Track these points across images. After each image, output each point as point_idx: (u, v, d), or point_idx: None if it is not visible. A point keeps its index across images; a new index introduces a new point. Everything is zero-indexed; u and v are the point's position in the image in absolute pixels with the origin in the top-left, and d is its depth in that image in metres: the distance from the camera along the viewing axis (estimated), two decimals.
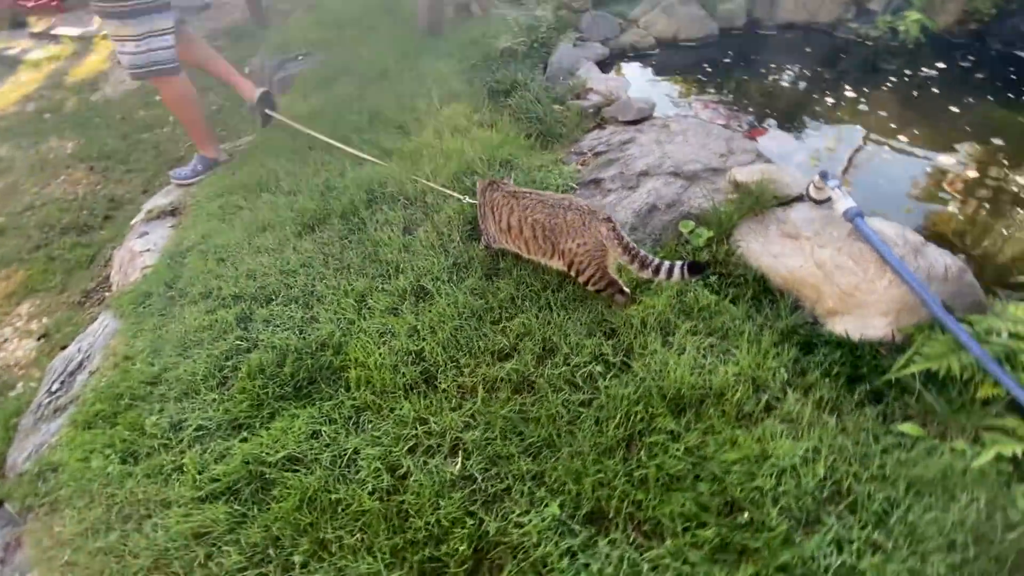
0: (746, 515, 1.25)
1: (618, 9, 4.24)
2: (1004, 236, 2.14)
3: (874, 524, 1.19)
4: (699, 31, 4.11)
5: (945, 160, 2.68)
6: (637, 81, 3.66)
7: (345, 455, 1.53)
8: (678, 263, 1.58)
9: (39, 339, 2.57)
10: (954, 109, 3.22)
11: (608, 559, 1.23)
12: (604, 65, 3.73)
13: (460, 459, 1.46)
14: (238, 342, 1.94)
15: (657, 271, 1.60)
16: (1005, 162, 2.61)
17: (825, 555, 1.16)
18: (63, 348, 2.41)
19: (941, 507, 1.18)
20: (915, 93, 3.51)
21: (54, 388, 2.10)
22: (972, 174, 2.55)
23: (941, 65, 3.77)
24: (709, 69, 3.80)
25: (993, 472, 1.21)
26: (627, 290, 1.77)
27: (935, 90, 3.47)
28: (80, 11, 7.91)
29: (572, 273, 1.76)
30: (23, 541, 1.69)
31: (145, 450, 1.71)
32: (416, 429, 1.54)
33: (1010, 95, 3.35)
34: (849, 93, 3.53)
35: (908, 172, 2.70)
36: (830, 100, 3.46)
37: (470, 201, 2.09)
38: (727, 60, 3.92)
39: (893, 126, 3.06)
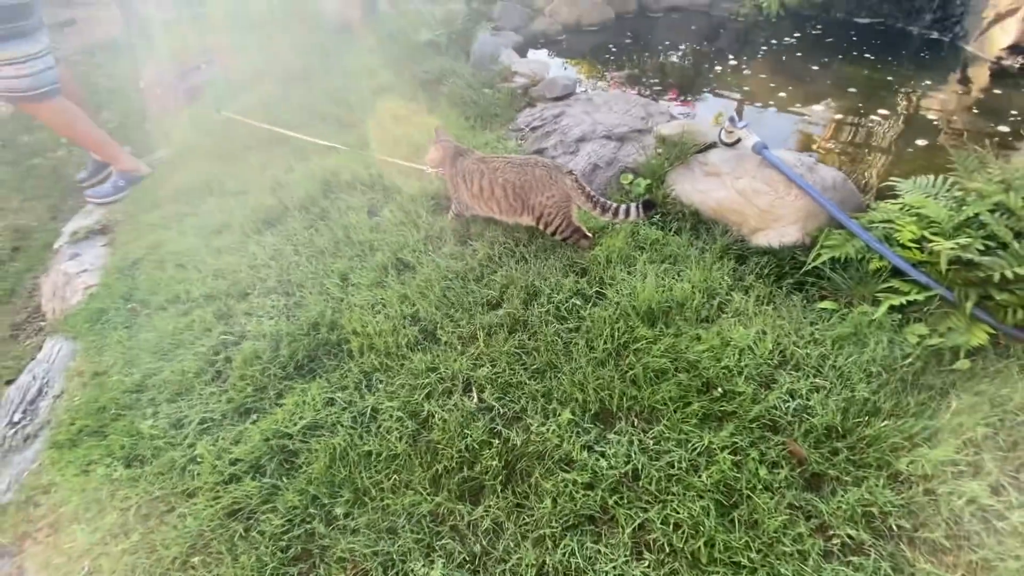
0: (719, 389, 1.54)
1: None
2: (867, 159, 2.67)
3: (814, 374, 1.53)
4: (598, 17, 4.50)
5: (816, 109, 3.22)
6: (552, 64, 3.95)
7: (365, 413, 1.64)
8: (633, 204, 1.85)
9: None
10: (814, 68, 3.84)
11: (619, 444, 1.46)
12: (520, 51, 3.99)
13: (475, 393, 1.63)
14: (224, 336, 1.95)
15: (616, 213, 1.86)
16: (860, 106, 3.20)
17: (783, 403, 1.47)
18: (9, 382, 2.24)
19: (858, 352, 1.54)
20: (783, 58, 4.11)
21: (16, 419, 1.97)
22: (838, 117, 3.09)
23: (798, 34, 4.44)
24: (614, 49, 4.18)
25: (888, 321, 1.59)
26: (589, 235, 2.02)
27: (798, 54, 4.09)
28: None
29: (540, 226, 1.98)
30: (25, 568, 1.62)
31: (149, 452, 1.70)
32: (428, 378, 1.68)
33: (854, 54, 4.04)
34: (732, 62, 4.06)
35: (788, 121, 3.21)
36: (718, 68, 3.97)
37: (431, 170, 2.19)
38: (628, 41, 4.34)
39: (772, 86, 3.60)
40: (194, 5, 5.93)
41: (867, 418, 1.42)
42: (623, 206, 1.84)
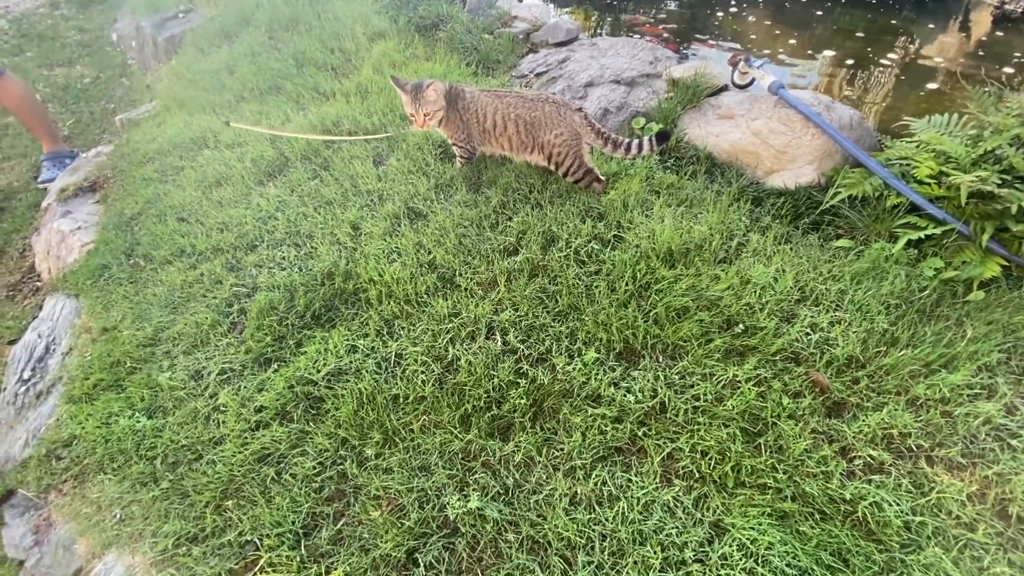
0: (741, 325, 1.56)
1: None
2: (878, 100, 2.65)
3: (833, 308, 1.56)
4: None
5: (827, 53, 3.17)
6: (549, 10, 3.81)
7: (389, 359, 1.64)
8: (645, 137, 1.82)
9: None
10: (818, 13, 3.76)
11: (645, 379, 1.49)
12: None
13: (499, 336, 1.63)
14: (236, 288, 1.92)
15: (628, 148, 1.83)
16: (869, 50, 3.15)
17: (805, 336, 1.50)
18: (12, 342, 2.19)
19: (876, 286, 1.57)
20: (786, 4, 4.02)
21: (26, 376, 1.94)
22: (849, 61, 3.06)
23: None
24: None
25: (905, 256, 1.62)
26: (602, 178, 1.99)
27: (800, 0, 3.99)
28: None
29: (552, 166, 1.95)
30: (54, 520, 1.63)
31: (171, 403, 1.69)
32: (451, 323, 1.68)
33: None
34: (733, 9, 3.96)
35: (796, 68, 3.16)
36: (720, 14, 3.87)
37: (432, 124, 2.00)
38: None
39: (777, 33, 3.52)
40: None
41: (886, 348, 1.46)
42: (635, 140, 1.82)
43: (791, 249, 1.75)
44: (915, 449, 1.30)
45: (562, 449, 1.41)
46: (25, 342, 2.07)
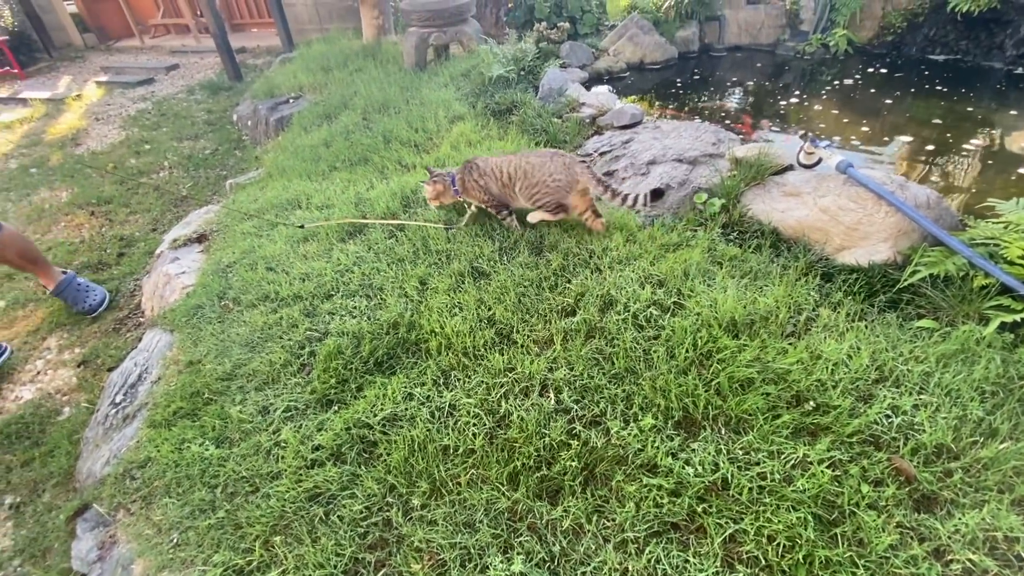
0: (811, 402, 1.47)
1: (589, 41, 4.72)
2: (963, 184, 2.56)
3: (917, 391, 1.44)
4: (662, 56, 4.63)
5: (902, 139, 3.14)
6: (615, 99, 4.07)
7: (443, 408, 1.66)
8: (641, 192, 1.93)
9: (79, 365, 2.55)
10: (888, 102, 3.77)
11: (705, 452, 1.41)
12: (585, 87, 4.14)
13: (552, 395, 1.63)
14: (309, 332, 2.06)
15: (624, 200, 1.99)
16: (948, 136, 3.10)
17: (885, 418, 1.39)
18: (111, 369, 2.42)
19: (967, 370, 1.45)
20: (852, 94, 4.07)
21: (118, 400, 2.13)
22: (929, 147, 3.01)
23: (858, 75, 4.39)
24: (680, 84, 4.27)
25: (999, 341, 1.49)
26: (602, 216, 2.18)
27: (871, 90, 4.03)
28: (43, 76, 7.96)
29: (531, 203, 2.19)
30: (118, 537, 1.70)
31: (237, 435, 1.78)
32: (505, 377, 1.70)
33: (926, 87, 3.96)
34: (797, 99, 4.05)
35: (872, 154, 3.14)
36: (784, 103, 3.96)
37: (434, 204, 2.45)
38: (696, 78, 4.42)
39: (846, 120, 3.55)
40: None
41: (983, 439, 1.31)
42: (632, 193, 1.99)
43: (866, 327, 1.66)
44: None
45: (613, 519, 1.34)
46: (122, 369, 2.28)
